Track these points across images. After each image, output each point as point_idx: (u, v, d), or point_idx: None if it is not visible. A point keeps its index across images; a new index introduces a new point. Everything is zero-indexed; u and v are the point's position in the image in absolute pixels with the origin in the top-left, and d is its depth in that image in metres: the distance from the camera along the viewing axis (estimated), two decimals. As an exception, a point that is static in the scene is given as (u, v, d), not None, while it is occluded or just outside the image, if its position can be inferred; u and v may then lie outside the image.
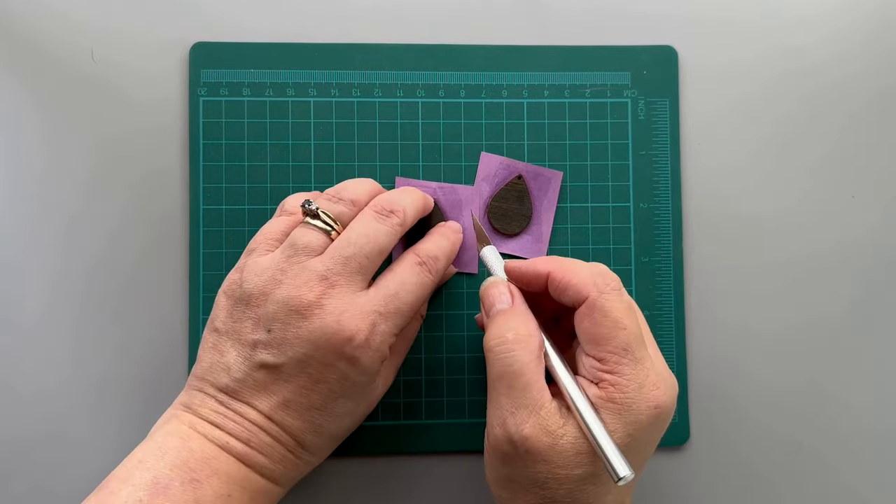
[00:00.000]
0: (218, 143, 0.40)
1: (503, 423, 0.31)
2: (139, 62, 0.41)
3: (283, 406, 0.32)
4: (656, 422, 0.31)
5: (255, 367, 0.32)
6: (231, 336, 0.33)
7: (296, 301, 0.32)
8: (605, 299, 0.31)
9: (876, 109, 0.43)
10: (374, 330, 0.32)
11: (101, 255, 0.40)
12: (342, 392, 0.33)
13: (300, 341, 0.32)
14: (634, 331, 0.31)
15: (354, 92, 0.41)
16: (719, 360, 0.42)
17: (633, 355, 0.31)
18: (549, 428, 0.30)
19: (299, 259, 0.33)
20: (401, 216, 0.35)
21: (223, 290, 0.34)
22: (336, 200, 0.35)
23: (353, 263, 0.33)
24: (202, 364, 0.33)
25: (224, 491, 0.31)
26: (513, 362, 0.31)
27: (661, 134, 0.42)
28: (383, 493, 0.40)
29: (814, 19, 0.43)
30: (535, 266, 0.34)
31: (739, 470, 0.42)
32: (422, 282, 0.34)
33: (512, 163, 0.42)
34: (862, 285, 0.43)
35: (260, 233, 0.35)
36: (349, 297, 0.32)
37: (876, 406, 0.42)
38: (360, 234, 0.33)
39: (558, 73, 0.42)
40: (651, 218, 0.42)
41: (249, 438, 0.32)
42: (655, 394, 0.31)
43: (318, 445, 0.34)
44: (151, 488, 0.29)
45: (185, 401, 0.33)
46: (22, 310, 0.40)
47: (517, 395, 0.31)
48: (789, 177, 0.43)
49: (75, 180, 0.40)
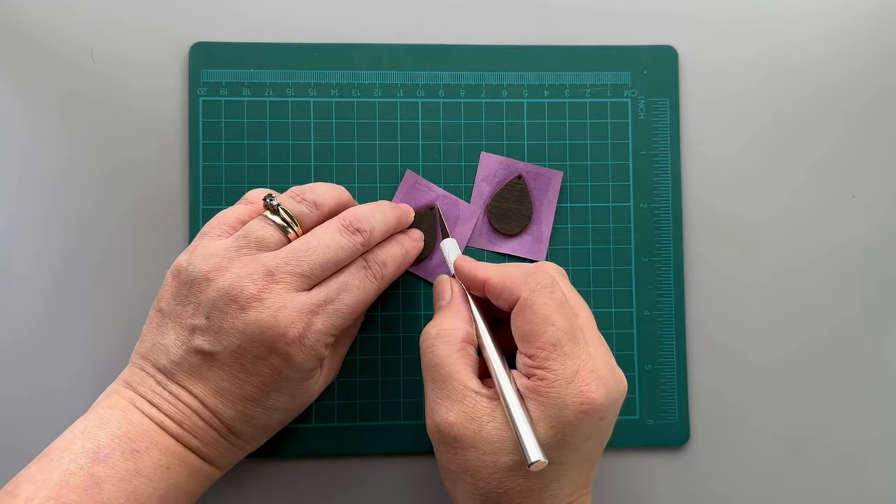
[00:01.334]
0: (218, 143, 0.40)
1: (431, 412, 0.32)
2: (139, 62, 0.41)
3: (217, 393, 0.33)
4: (586, 419, 0.31)
5: (191, 352, 0.32)
6: (172, 318, 0.33)
7: (236, 291, 0.32)
8: (535, 297, 0.32)
9: (876, 109, 0.43)
10: (309, 329, 0.32)
11: (100, 255, 0.40)
12: (275, 386, 0.33)
13: (235, 332, 0.32)
14: (564, 327, 0.32)
15: (354, 92, 0.41)
16: (719, 360, 0.42)
17: (561, 350, 0.31)
18: (475, 415, 0.31)
19: (250, 251, 0.33)
20: (366, 236, 0.34)
21: (171, 271, 0.34)
22: (300, 200, 0.35)
23: (304, 267, 0.33)
24: (145, 343, 0.34)
25: (164, 462, 0.31)
26: (433, 355, 0.33)
27: (661, 134, 0.42)
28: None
29: (814, 19, 0.43)
30: (474, 271, 0.35)
31: (739, 470, 0.42)
32: (365, 286, 0.35)
33: (512, 163, 0.41)
34: (862, 284, 0.43)
35: (215, 217, 0.35)
36: (290, 295, 0.32)
37: (876, 406, 0.42)
38: (322, 243, 0.33)
39: (558, 73, 0.42)
40: (651, 218, 0.42)
41: (183, 420, 0.32)
42: (584, 389, 0.31)
43: (250, 434, 0.34)
44: (92, 456, 0.30)
45: (127, 378, 0.34)
46: (22, 310, 0.40)
47: (440, 385, 0.32)
48: (789, 176, 0.43)
49: (75, 180, 0.40)
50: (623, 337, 0.41)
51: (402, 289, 0.41)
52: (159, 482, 0.31)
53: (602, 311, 0.41)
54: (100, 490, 0.29)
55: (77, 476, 0.29)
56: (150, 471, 0.31)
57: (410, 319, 0.41)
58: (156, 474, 0.31)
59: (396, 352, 0.40)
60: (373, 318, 0.40)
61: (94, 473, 0.30)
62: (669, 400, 0.41)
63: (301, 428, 0.40)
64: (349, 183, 0.40)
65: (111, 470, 0.30)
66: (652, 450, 0.41)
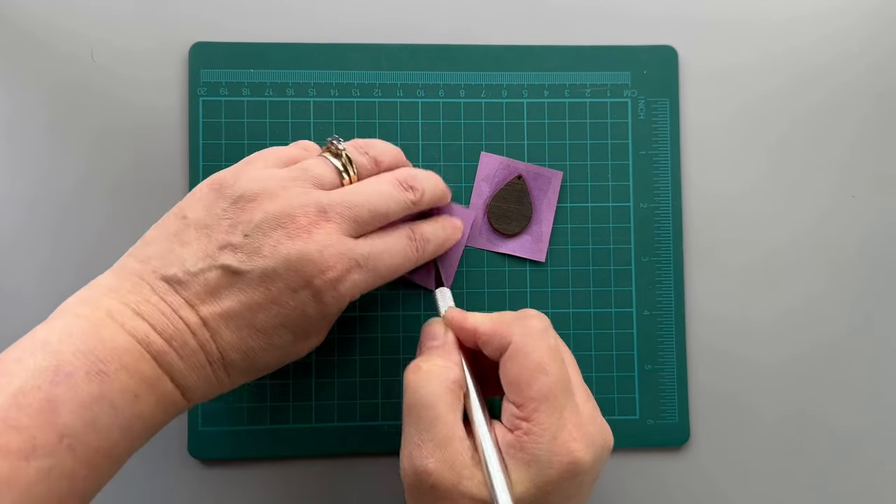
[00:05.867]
0: (218, 143, 0.40)
1: (410, 454, 0.30)
2: (139, 62, 0.41)
3: (225, 316, 0.30)
4: (570, 477, 0.29)
5: (214, 267, 0.30)
6: (201, 229, 0.31)
7: (286, 219, 0.31)
8: (527, 341, 0.31)
9: (876, 109, 0.43)
10: (348, 276, 0.32)
11: (100, 255, 0.40)
12: (289, 321, 0.31)
13: (275, 256, 0.30)
14: (558, 376, 0.30)
15: (354, 92, 0.41)
16: (719, 360, 0.42)
17: (552, 403, 0.30)
18: (455, 466, 0.29)
19: (305, 184, 0.32)
20: (418, 195, 0.35)
21: (208, 183, 0.33)
22: (363, 152, 0.35)
23: (356, 211, 0.32)
24: (151, 247, 0.31)
25: (132, 388, 0.28)
26: (424, 393, 0.30)
27: (661, 134, 0.42)
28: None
29: (814, 19, 0.43)
30: (464, 321, 0.33)
31: (739, 470, 0.42)
32: (407, 254, 0.35)
33: (512, 163, 0.41)
34: (864, 286, 0.43)
35: (265, 150, 0.34)
36: (338, 237, 0.31)
37: (877, 406, 0.42)
38: (374, 191, 0.33)
39: (558, 73, 0.42)
40: (651, 218, 0.42)
41: (172, 337, 0.29)
42: (571, 447, 0.29)
43: (238, 369, 0.32)
44: (52, 375, 0.26)
45: (111, 283, 0.30)
46: (21, 310, 0.40)
47: (424, 427, 0.30)
48: (789, 176, 0.43)
49: (75, 180, 0.40)
50: (623, 337, 0.41)
51: (402, 289, 0.41)
52: (124, 410, 0.28)
53: (602, 311, 0.41)
54: (56, 415, 0.26)
55: (32, 396, 0.26)
56: (115, 397, 0.27)
57: (410, 319, 0.41)
58: (121, 402, 0.27)
59: (396, 352, 0.40)
60: (373, 318, 0.40)
61: (51, 395, 0.26)
62: (669, 400, 0.41)
63: (301, 428, 0.40)
64: (349, 183, 0.41)
65: (71, 392, 0.26)
66: (652, 450, 0.41)
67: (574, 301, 0.41)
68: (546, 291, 0.41)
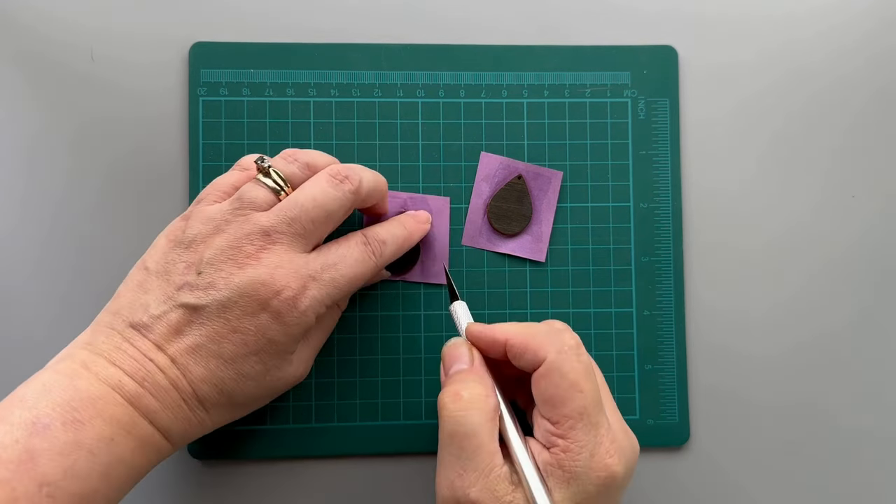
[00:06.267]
0: (218, 143, 0.40)
1: (451, 484, 0.30)
2: (138, 62, 0.41)
3: (191, 350, 0.32)
4: (606, 491, 0.30)
5: (174, 307, 0.32)
6: (160, 276, 0.33)
7: (234, 251, 0.32)
8: (563, 360, 0.31)
9: (877, 109, 0.43)
10: (305, 292, 0.32)
11: (101, 255, 0.40)
12: (255, 348, 0.32)
13: (229, 285, 0.32)
14: (592, 394, 0.31)
15: (354, 92, 0.41)
16: (719, 360, 0.42)
17: (588, 420, 0.30)
18: (497, 493, 0.29)
19: (245, 212, 0.33)
20: (355, 183, 0.35)
21: (164, 234, 0.34)
22: (291, 161, 0.35)
23: (297, 225, 0.33)
24: (119, 300, 0.33)
25: (107, 434, 0.29)
26: (465, 423, 0.30)
27: (661, 134, 0.42)
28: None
29: (814, 18, 0.43)
30: (493, 333, 0.33)
31: (739, 470, 0.42)
32: (363, 261, 0.35)
33: (512, 163, 0.41)
34: (862, 285, 0.43)
35: (210, 184, 0.36)
36: (288, 256, 0.32)
37: (876, 406, 0.42)
38: (308, 197, 0.33)
39: (558, 73, 0.42)
40: (651, 218, 0.42)
41: (144, 378, 0.31)
42: (608, 462, 0.30)
43: (213, 402, 0.33)
44: (30, 428, 0.28)
45: (87, 339, 0.32)
46: (21, 311, 0.40)
47: (467, 456, 0.30)
48: (789, 176, 0.43)
49: (74, 179, 0.40)
50: (623, 337, 0.41)
51: (402, 289, 0.41)
52: (101, 456, 0.29)
53: (602, 311, 0.41)
54: (35, 465, 0.27)
55: (11, 450, 0.27)
56: (91, 443, 0.29)
57: (410, 319, 0.41)
58: (98, 447, 0.29)
59: (396, 352, 0.40)
60: (373, 318, 0.40)
61: (29, 447, 0.27)
62: (669, 400, 0.41)
63: (300, 428, 0.40)
64: (349, 183, 0.41)
65: (48, 443, 0.28)
66: (652, 450, 0.41)
67: (574, 301, 0.41)
68: (546, 291, 0.41)
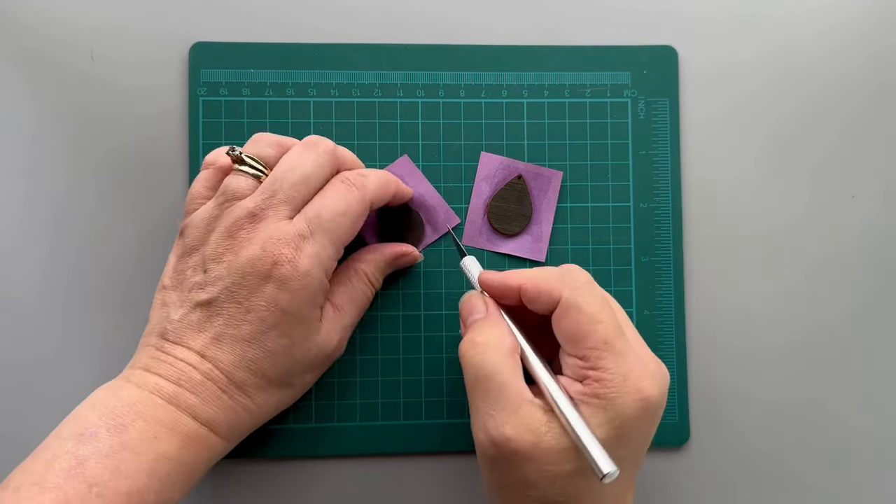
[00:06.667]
0: (218, 143, 0.40)
1: (484, 427, 0.31)
2: (139, 62, 0.41)
3: (215, 341, 0.33)
4: (644, 414, 0.30)
5: (192, 309, 0.33)
6: (175, 287, 0.34)
7: (229, 240, 0.33)
8: (578, 295, 0.31)
9: (877, 109, 0.43)
10: (301, 253, 0.33)
11: (101, 254, 0.40)
12: (273, 321, 0.33)
13: (229, 273, 0.33)
14: (612, 323, 0.31)
15: (354, 92, 0.41)
16: (719, 360, 0.42)
17: (613, 348, 0.30)
18: (532, 426, 0.30)
19: (230, 203, 0.34)
20: (328, 146, 0.35)
21: (172, 252, 0.36)
22: (256, 142, 0.36)
23: (280, 195, 0.34)
24: (151, 323, 0.35)
25: (150, 433, 0.31)
26: (485, 364, 0.31)
27: (661, 134, 0.42)
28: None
29: (813, 18, 0.43)
30: (506, 280, 0.34)
31: (739, 470, 0.42)
32: (345, 197, 0.35)
33: (512, 163, 0.41)
34: (862, 285, 0.43)
35: (188, 195, 0.37)
36: (275, 226, 0.33)
37: (876, 406, 0.42)
38: (286, 167, 0.34)
39: (558, 73, 0.42)
40: (651, 218, 0.42)
41: (179, 378, 0.32)
42: (641, 385, 0.30)
43: (251, 384, 0.34)
44: (78, 438, 0.30)
45: (130, 363, 0.34)
46: (23, 308, 0.40)
47: (494, 396, 0.31)
48: (789, 176, 0.43)
49: (74, 179, 0.40)
50: (623, 337, 0.41)
51: (402, 289, 0.41)
52: (146, 454, 0.30)
53: (602, 311, 0.41)
54: (83, 469, 0.29)
55: (63, 459, 0.29)
56: (135, 443, 0.30)
57: (410, 319, 0.41)
58: (142, 446, 0.30)
59: (396, 352, 0.40)
60: (373, 318, 0.40)
61: (78, 454, 0.29)
62: (669, 400, 0.41)
63: (300, 428, 0.40)
64: (349, 183, 0.41)
65: (95, 448, 0.30)
66: (652, 450, 0.41)
67: (574, 301, 0.41)
68: (546, 291, 0.41)
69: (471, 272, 0.36)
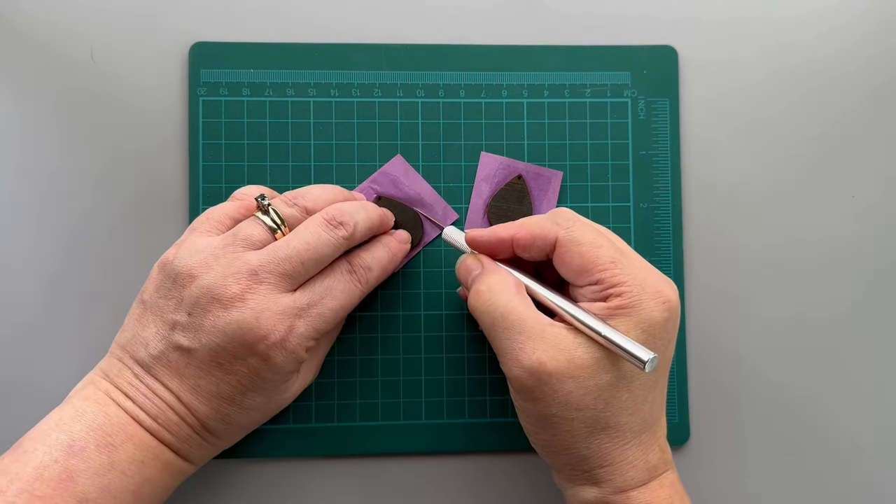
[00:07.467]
0: (218, 143, 0.40)
1: (516, 360, 0.31)
2: (139, 62, 0.41)
3: (193, 390, 0.33)
4: (669, 316, 0.32)
5: (171, 348, 0.33)
6: (154, 311, 0.33)
7: (220, 290, 0.32)
8: (572, 231, 0.33)
9: (877, 109, 0.43)
10: (292, 332, 0.33)
11: (100, 254, 0.40)
12: (252, 387, 0.33)
13: (215, 331, 0.32)
14: (612, 244, 0.33)
15: (354, 92, 0.41)
16: (719, 360, 0.42)
17: (621, 263, 0.32)
18: (561, 345, 0.31)
19: (236, 249, 0.33)
20: (349, 230, 0.34)
21: (157, 263, 0.35)
22: (291, 204, 0.35)
23: (287, 266, 0.33)
24: (125, 333, 0.34)
25: (138, 457, 0.32)
26: (496, 307, 0.32)
27: (661, 134, 0.42)
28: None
29: (813, 18, 0.43)
30: (497, 233, 0.35)
31: (739, 469, 0.42)
32: (349, 290, 0.35)
33: (512, 163, 0.41)
34: (862, 285, 0.43)
35: (205, 213, 0.36)
36: (273, 297, 0.32)
37: (876, 406, 0.42)
38: (302, 240, 0.33)
39: (558, 73, 0.42)
40: (651, 218, 0.42)
41: (157, 415, 0.33)
42: (660, 287, 0.32)
43: (224, 432, 0.35)
44: (67, 449, 0.30)
45: (104, 367, 0.34)
46: (18, 308, 0.40)
47: (517, 331, 0.31)
48: (789, 176, 0.43)
49: (74, 179, 0.40)
50: (623, 337, 0.41)
51: (402, 289, 0.41)
52: (133, 476, 0.31)
53: (602, 311, 0.41)
54: (74, 484, 0.29)
55: (51, 469, 0.29)
56: (124, 465, 0.31)
57: (410, 319, 0.41)
58: (130, 469, 0.31)
59: (396, 352, 0.40)
60: (373, 318, 0.40)
61: (68, 467, 0.30)
62: (669, 400, 0.41)
63: (300, 428, 0.40)
64: (349, 183, 0.41)
65: (85, 464, 0.30)
66: (652, 450, 0.41)
67: (574, 301, 0.41)
68: (546, 291, 0.41)
69: (456, 239, 0.37)
